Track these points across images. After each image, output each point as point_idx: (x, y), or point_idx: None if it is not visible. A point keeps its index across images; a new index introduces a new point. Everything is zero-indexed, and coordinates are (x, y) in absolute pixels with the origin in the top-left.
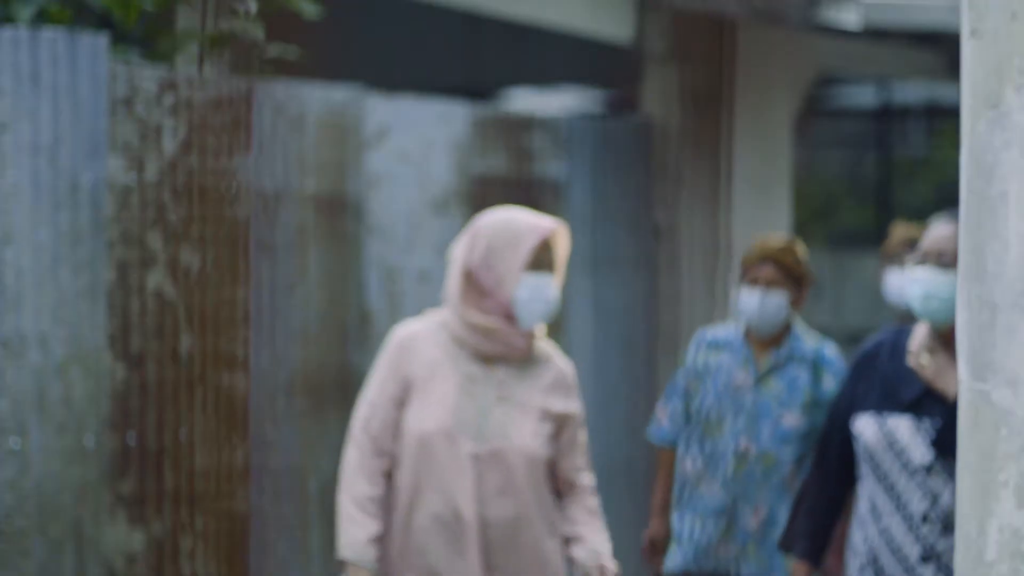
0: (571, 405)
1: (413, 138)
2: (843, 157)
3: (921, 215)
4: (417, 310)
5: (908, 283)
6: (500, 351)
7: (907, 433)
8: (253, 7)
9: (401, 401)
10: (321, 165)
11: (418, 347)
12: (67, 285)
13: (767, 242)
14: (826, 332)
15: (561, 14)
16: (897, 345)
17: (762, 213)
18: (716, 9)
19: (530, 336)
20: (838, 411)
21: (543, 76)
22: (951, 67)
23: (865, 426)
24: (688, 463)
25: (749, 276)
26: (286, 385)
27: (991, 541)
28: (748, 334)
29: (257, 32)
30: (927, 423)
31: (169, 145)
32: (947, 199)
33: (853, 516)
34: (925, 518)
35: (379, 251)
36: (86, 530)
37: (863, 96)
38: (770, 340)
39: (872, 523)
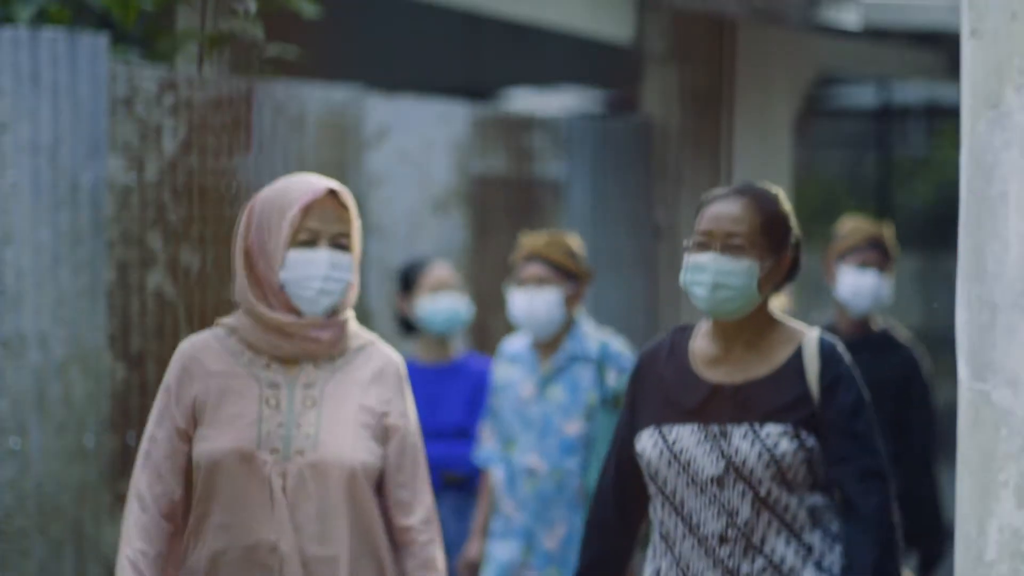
0: (396, 403)
1: (413, 138)
2: (843, 157)
3: (921, 215)
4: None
5: (690, 271)
6: (302, 350)
7: (692, 443)
8: (253, 7)
9: (187, 433)
10: (321, 165)
11: (203, 363)
12: (67, 285)
13: (532, 239)
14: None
15: (561, 14)
16: (676, 346)
17: None
18: (716, 9)
19: (336, 325)
20: (620, 427)
21: (543, 76)
22: (951, 67)
23: (647, 441)
24: (496, 484)
25: (516, 277)
26: None
27: (991, 541)
28: (535, 341)
29: (257, 32)
30: (714, 429)
31: (169, 145)
32: (947, 199)
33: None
34: (723, 539)
35: (379, 251)
36: (86, 530)
37: (863, 96)
38: (551, 343)
39: (664, 553)
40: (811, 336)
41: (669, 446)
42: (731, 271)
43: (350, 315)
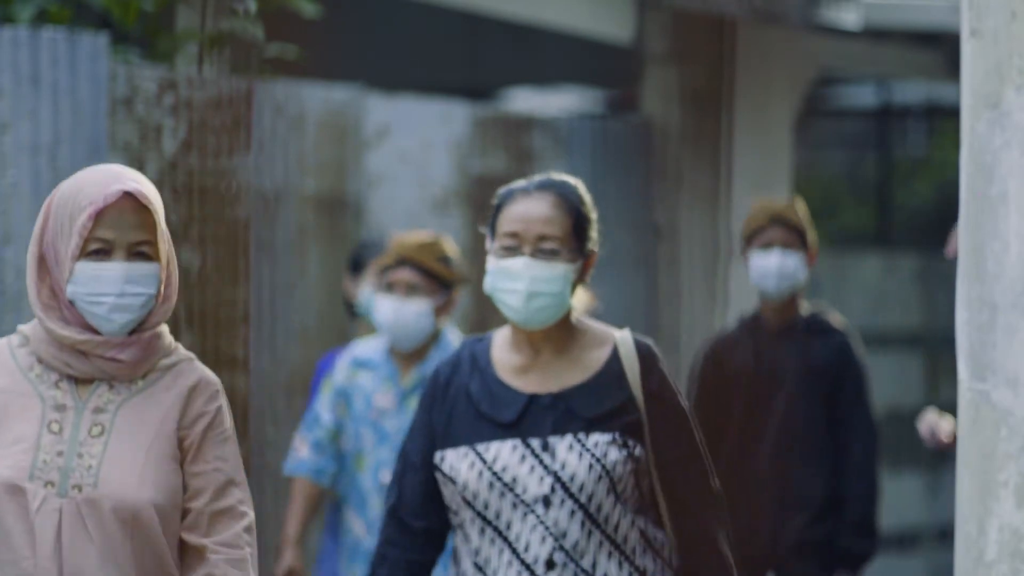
0: (200, 425)
1: (413, 138)
2: (843, 157)
3: (921, 215)
4: None
5: (499, 278)
6: (98, 370)
7: (515, 461)
8: (253, 7)
9: None
10: (321, 165)
11: None
12: None
13: (404, 240)
14: None
15: (561, 14)
16: (476, 358)
17: None
18: (716, 9)
19: (140, 343)
20: (411, 452)
21: (543, 76)
22: (951, 67)
23: (459, 462)
24: (341, 499)
25: (384, 280)
26: (286, 385)
27: (991, 541)
28: (392, 346)
29: (257, 32)
30: (536, 443)
31: (169, 145)
32: (947, 199)
33: None
34: (550, 564)
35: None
36: None
37: (863, 96)
38: (415, 353)
39: None
40: (624, 337)
41: (489, 466)
42: (547, 278)
43: (162, 331)
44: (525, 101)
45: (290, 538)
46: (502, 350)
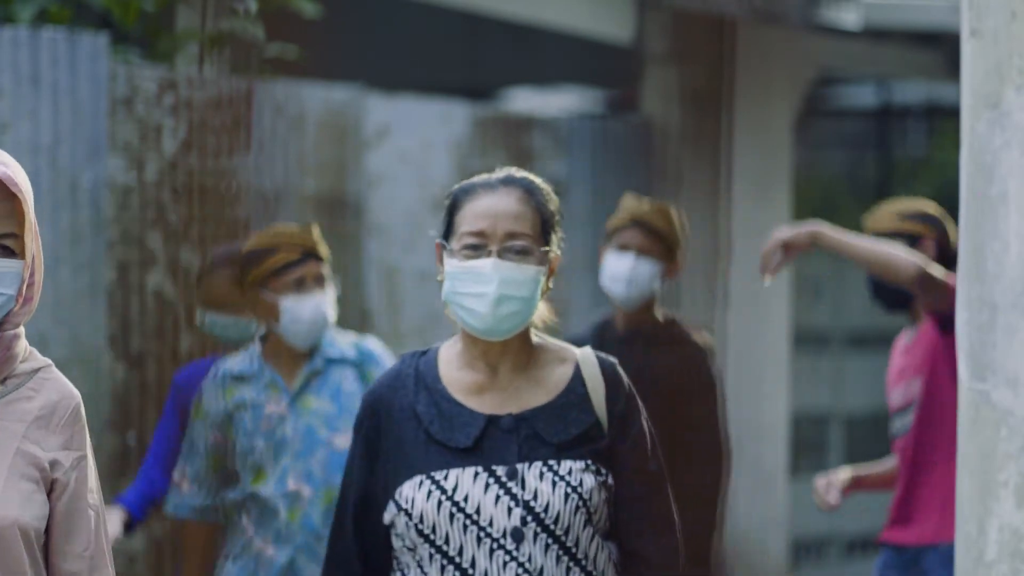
0: (67, 454)
1: (413, 138)
2: (843, 157)
3: None
4: (417, 310)
5: (461, 280)
6: None
7: (478, 490)
8: (253, 7)
9: None
10: (321, 165)
11: None
12: (67, 285)
13: (295, 233)
14: (826, 332)
15: (561, 14)
16: (422, 376)
17: (762, 213)
18: (716, 9)
19: (4, 349)
20: (354, 482)
21: (543, 76)
22: (951, 67)
23: (414, 492)
24: (242, 525)
25: (287, 279)
26: None
27: (991, 541)
28: (266, 352)
29: (257, 32)
30: (500, 471)
31: (169, 145)
32: (947, 199)
33: None
34: None
35: (379, 251)
36: None
37: (863, 96)
38: (298, 352)
39: None
40: (587, 356)
41: (449, 495)
42: (518, 280)
43: (20, 333)
44: (525, 101)
45: None
46: (451, 366)
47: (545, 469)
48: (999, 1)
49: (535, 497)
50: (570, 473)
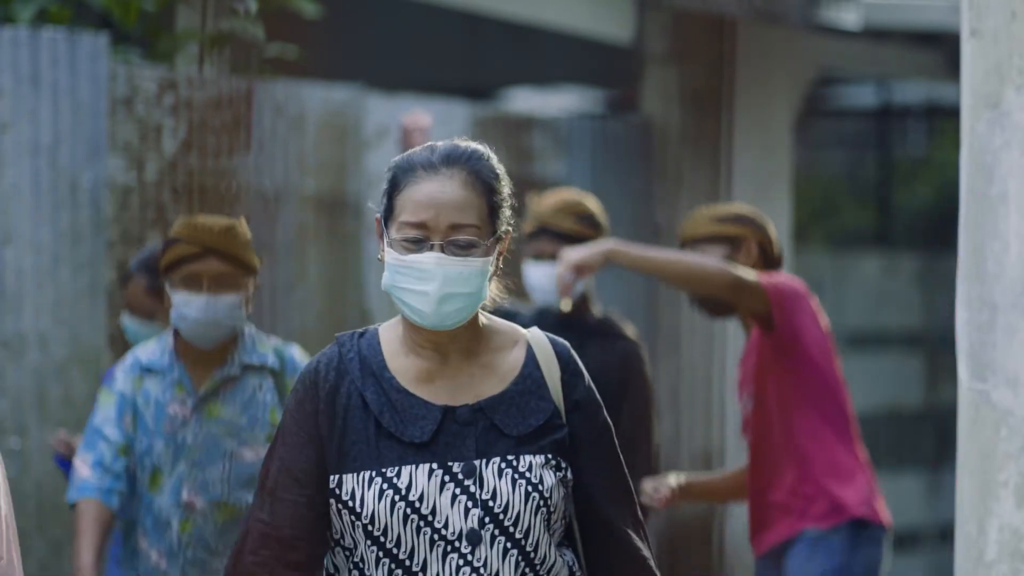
0: None
1: None
2: (843, 157)
3: (921, 215)
4: None
5: (401, 275)
6: None
7: (433, 488)
8: (253, 7)
9: None
10: (321, 165)
11: None
12: (67, 285)
13: (196, 226)
14: None
15: (561, 14)
16: (366, 361)
17: (762, 213)
18: (716, 9)
19: None
20: (293, 464)
21: (543, 76)
22: (951, 67)
23: (362, 490)
24: (137, 526)
25: (180, 274)
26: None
27: (991, 541)
28: (179, 348)
29: (257, 32)
30: (456, 468)
31: (169, 145)
32: (947, 199)
33: None
34: None
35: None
36: None
37: (863, 96)
38: (215, 353)
39: None
40: (538, 338)
41: (403, 495)
42: (463, 276)
43: None
44: (525, 101)
45: (86, 566)
46: (396, 352)
47: (504, 465)
48: (999, 1)
49: (493, 496)
50: (530, 469)
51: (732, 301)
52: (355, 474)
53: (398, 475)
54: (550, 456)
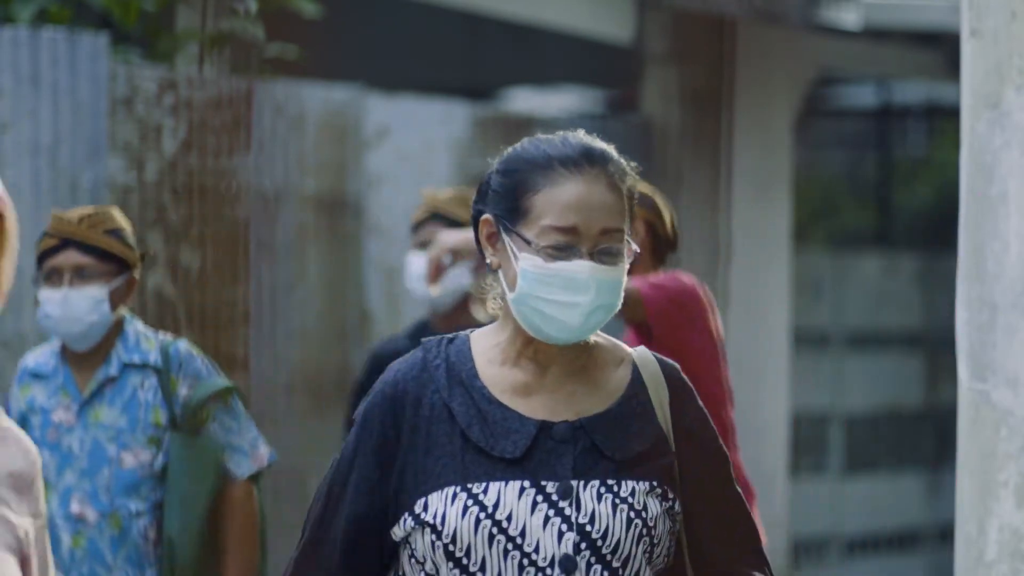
0: (31, 520)
1: (413, 138)
2: (843, 157)
3: (921, 215)
4: (417, 310)
5: (545, 287)
6: None
7: (524, 508)
8: (253, 7)
9: None
10: (321, 165)
11: None
12: None
13: (61, 218)
14: (826, 332)
15: (561, 14)
16: (454, 368)
17: (762, 213)
18: (716, 9)
19: None
20: (351, 493)
21: (543, 76)
22: (951, 67)
23: (444, 506)
24: None
25: (44, 272)
26: (286, 385)
27: (991, 541)
28: (65, 350)
29: (257, 32)
30: (552, 488)
31: (169, 145)
32: (947, 199)
33: None
34: None
35: (379, 251)
36: None
37: (863, 96)
38: (98, 354)
39: None
40: (644, 357)
41: (489, 512)
42: (613, 287)
43: None
44: (525, 101)
45: None
46: (491, 361)
47: (604, 489)
48: (999, 1)
49: (591, 520)
50: (632, 495)
51: None
52: (439, 491)
53: (484, 491)
54: (655, 484)
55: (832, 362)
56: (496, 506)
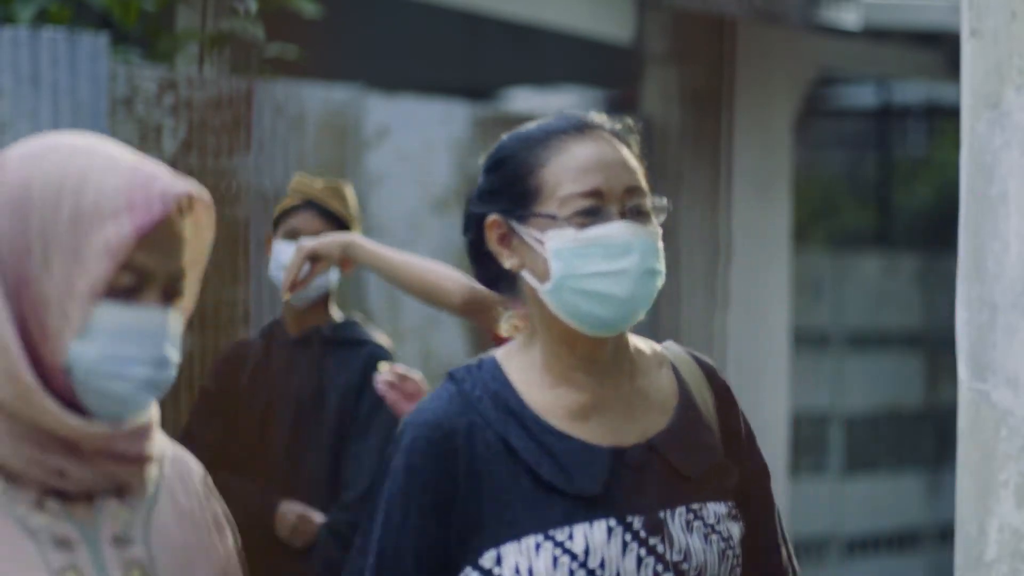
0: (224, 544)
1: (413, 138)
2: (843, 157)
3: (921, 215)
4: (417, 310)
5: (585, 258)
6: (103, 476)
7: (615, 551)
8: (253, 7)
9: None
10: (321, 165)
11: None
12: None
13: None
14: (826, 332)
15: (561, 14)
16: (499, 397)
17: (762, 213)
18: (716, 9)
19: (148, 431)
20: (419, 550)
21: (543, 76)
22: (951, 67)
23: (530, 558)
24: None
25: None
26: None
27: (991, 541)
28: None
29: (257, 32)
30: (638, 523)
31: (169, 145)
32: (947, 199)
33: None
34: None
35: None
36: None
37: (863, 96)
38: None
39: None
40: (679, 355)
41: (581, 561)
42: (656, 249)
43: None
44: (525, 101)
45: None
46: (534, 384)
47: (690, 516)
48: (999, 1)
49: (686, 558)
50: (719, 521)
51: (469, 319)
52: (516, 542)
53: (570, 537)
54: (731, 504)
55: (832, 362)
56: (588, 553)
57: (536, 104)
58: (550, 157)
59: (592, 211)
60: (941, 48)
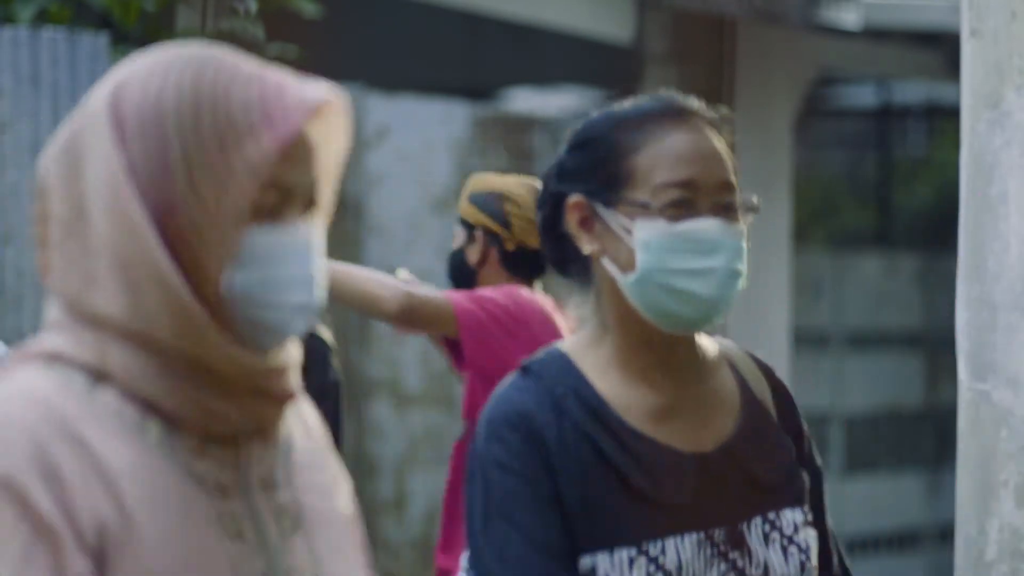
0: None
1: (413, 138)
2: (843, 157)
3: (921, 215)
4: None
5: (672, 254)
6: (256, 416)
7: (701, 565)
8: (253, 6)
9: None
10: None
11: (89, 446)
12: None
13: None
14: (826, 332)
15: (561, 14)
16: (581, 395)
17: (762, 213)
18: (716, 9)
19: (287, 371)
20: (518, 560)
21: (543, 76)
22: (951, 67)
23: (608, 571)
24: None
25: None
26: None
27: (991, 541)
28: None
29: (257, 32)
30: (719, 535)
31: None
32: (947, 199)
33: None
34: None
35: (379, 251)
36: None
37: (863, 96)
38: None
39: None
40: (733, 351)
41: (666, 573)
42: (743, 250)
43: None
44: (525, 101)
45: None
46: (612, 382)
47: (767, 527)
48: (999, 1)
49: (765, 572)
50: (796, 531)
51: (404, 329)
52: (609, 552)
53: (663, 551)
54: (806, 510)
55: (832, 362)
56: (681, 570)
57: (536, 104)
58: (646, 141)
59: (684, 202)
60: (941, 48)
